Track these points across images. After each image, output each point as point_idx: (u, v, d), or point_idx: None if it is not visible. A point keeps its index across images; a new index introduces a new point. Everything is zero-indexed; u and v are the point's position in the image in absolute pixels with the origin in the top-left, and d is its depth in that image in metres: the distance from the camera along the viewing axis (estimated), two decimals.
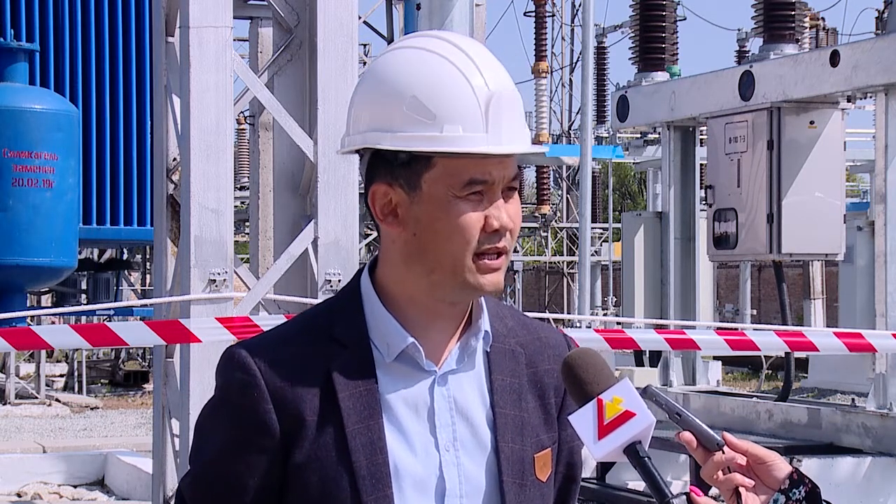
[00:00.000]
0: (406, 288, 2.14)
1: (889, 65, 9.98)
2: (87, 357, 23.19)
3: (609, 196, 27.53)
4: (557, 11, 32.46)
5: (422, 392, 2.13)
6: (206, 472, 2.15)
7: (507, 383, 2.18)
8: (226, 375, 2.14)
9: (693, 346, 8.72)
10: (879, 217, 10.33)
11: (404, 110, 2.07)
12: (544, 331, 2.28)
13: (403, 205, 2.10)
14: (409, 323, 2.14)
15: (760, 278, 31.35)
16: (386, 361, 2.13)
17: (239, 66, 6.29)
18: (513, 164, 2.12)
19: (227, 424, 2.13)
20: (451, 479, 2.12)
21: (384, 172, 2.11)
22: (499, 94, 2.09)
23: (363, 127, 2.12)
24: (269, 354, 2.12)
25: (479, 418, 2.15)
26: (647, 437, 2.03)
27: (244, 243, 29.75)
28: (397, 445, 2.11)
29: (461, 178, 2.07)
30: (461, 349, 2.16)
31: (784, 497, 2.05)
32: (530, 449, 2.17)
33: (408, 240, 2.11)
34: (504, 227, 2.10)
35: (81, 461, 12.30)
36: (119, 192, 15.01)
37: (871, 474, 9.92)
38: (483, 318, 2.18)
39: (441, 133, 2.06)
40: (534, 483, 2.17)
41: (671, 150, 12.46)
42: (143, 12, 15.08)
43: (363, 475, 2.08)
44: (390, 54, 2.15)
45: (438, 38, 2.14)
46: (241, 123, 28.10)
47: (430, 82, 2.08)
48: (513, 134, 2.09)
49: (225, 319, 6.11)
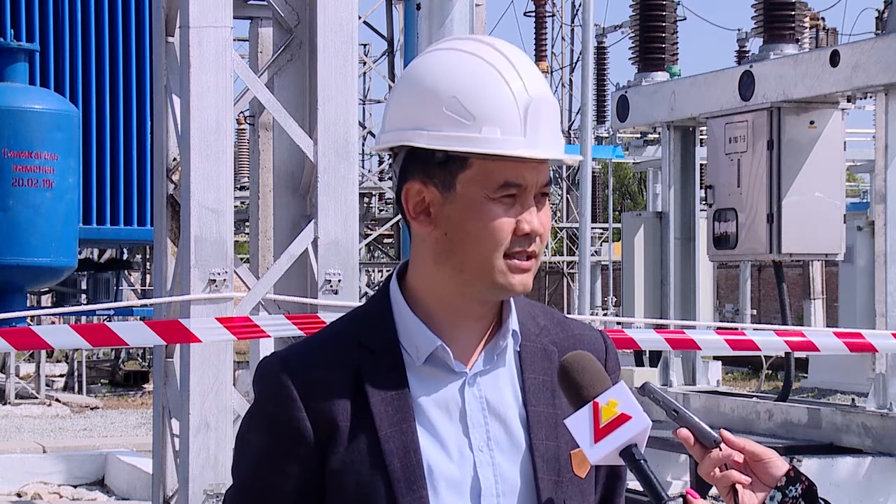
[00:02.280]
0: (435, 288, 2.15)
1: (889, 65, 9.98)
2: (87, 357, 23.19)
3: (609, 196, 27.53)
4: (557, 11, 32.48)
5: (453, 394, 2.15)
6: (247, 483, 2.18)
7: (540, 381, 2.19)
8: (261, 386, 2.18)
9: (693, 345, 8.72)
10: (879, 217, 10.33)
11: (443, 110, 2.09)
12: (579, 328, 2.29)
13: (436, 204, 2.12)
14: (437, 326, 2.15)
15: (760, 278, 31.35)
16: (416, 365, 2.14)
17: (239, 66, 6.29)
18: (546, 170, 2.13)
19: (264, 435, 2.16)
20: (487, 478, 2.13)
21: (419, 171, 2.13)
22: (538, 100, 2.10)
23: (401, 124, 2.13)
24: (301, 363, 2.15)
25: (512, 417, 2.16)
26: (643, 440, 2.03)
27: (244, 243, 29.76)
28: (431, 447, 2.12)
29: (496, 181, 2.09)
30: (490, 350, 2.18)
31: (781, 494, 2.05)
32: (566, 446, 2.16)
33: (438, 238, 2.13)
34: (535, 231, 2.11)
35: (81, 461, 12.30)
36: (119, 192, 15.01)
37: (871, 474, 9.92)
38: (511, 319, 2.19)
39: (479, 134, 2.08)
40: (571, 480, 2.17)
41: (671, 150, 12.46)
42: (143, 12, 15.08)
43: (398, 478, 2.09)
44: (431, 55, 2.16)
45: (480, 41, 2.15)
46: (241, 123, 28.11)
47: (471, 84, 2.09)
48: (549, 140, 2.11)
49: (225, 319, 6.11)
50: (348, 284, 6.23)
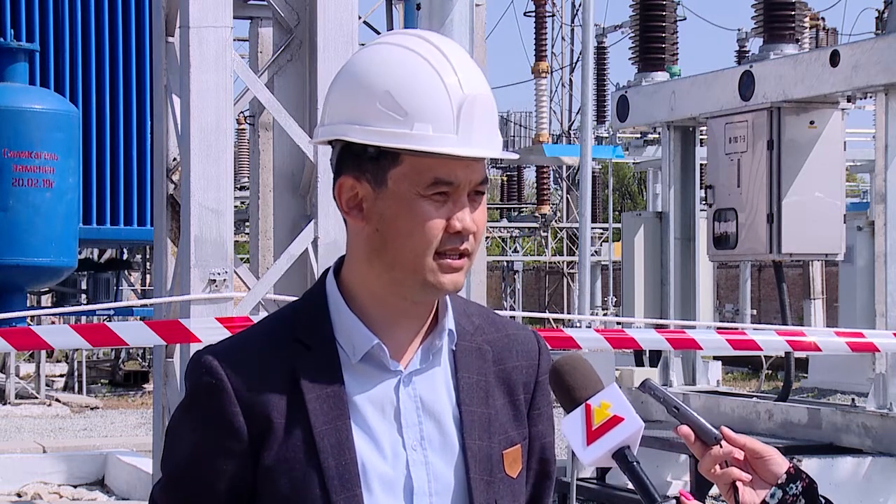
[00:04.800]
0: (369, 285, 2.14)
1: (889, 65, 9.99)
2: (87, 357, 23.18)
3: (609, 196, 27.50)
4: (557, 11, 32.45)
5: (387, 392, 2.14)
6: (177, 477, 2.16)
7: (474, 381, 2.18)
8: (193, 379, 2.15)
9: (694, 345, 8.72)
10: (879, 217, 10.34)
11: (376, 105, 2.08)
12: (513, 328, 2.28)
13: (368, 199, 2.11)
14: (373, 323, 2.14)
15: (760, 278, 31.35)
16: (352, 362, 2.13)
17: (239, 66, 6.29)
18: (481, 169, 2.12)
19: (197, 428, 2.14)
20: (420, 477, 2.13)
21: (352, 165, 2.12)
22: (472, 98, 2.09)
23: (336, 118, 2.13)
24: (236, 357, 2.13)
25: (446, 417, 2.16)
26: (635, 442, 2.03)
27: (244, 243, 29.75)
28: (365, 446, 2.11)
29: (427, 178, 2.07)
30: (426, 348, 2.17)
31: (781, 492, 2.05)
32: (498, 446, 2.17)
33: (370, 234, 2.11)
34: (467, 229, 2.09)
35: (81, 461, 12.29)
36: (119, 192, 15.01)
37: (871, 474, 9.92)
38: (447, 317, 2.18)
39: (411, 131, 2.06)
40: (503, 479, 2.17)
41: (671, 150, 12.46)
42: (143, 12, 15.08)
43: (332, 476, 2.09)
44: (369, 49, 2.15)
45: (418, 36, 2.14)
46: (241, 123, 28.10)
47: (405, 79, 2.08)
48: (483, 138, 2.09)
49: (225, 319, 6.11)
50: None
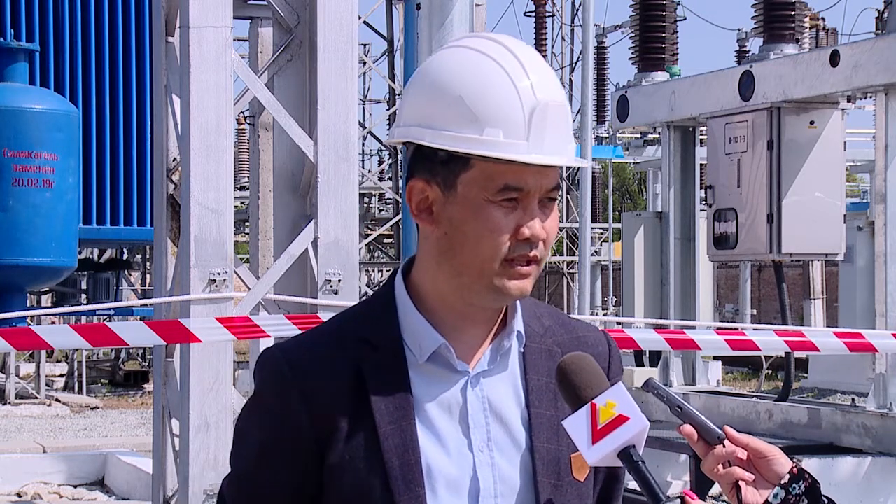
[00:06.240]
0: (437, 287, 2.14)
1: (889, 65, 9.99)
2: (87, 357, 23.18)
3: (609, 196, 27.52)
4: (557, 11, 32.47)
5: (454, 393, 2.13)
6: (244, 473, 2.17)
7: (543, 383, 2.17)
8: (261, 377, 2.16)
9: (693, 346, 8.71)
10: (879, 217, 10.34)
11: (448, 109, 2.07)
12: (583, 329, 2.27)
13: (438, 203, 2.10)
14: (441, 324, 2.13)
15: (760, 278, 31.34)
16: (418, 363, 2.13)
17: (239, 66, 6.29)
18: (553, 175, 2.10)
19: (263, 425, 2.15)
20: (486, 479, 2.11)
21: (424, 169, 2.11)
22: (545, 104, 2.07)
23: (410, 120, 2.12)
24: (303, 356, 2.14)
25: (513, 418, 2.15)
26: (640, 442, 2.02)
27: (244, 243, 29.76)
28: (430, 446, 2.10)
29: (496, 184, 2.06)
30: (494, 350, 2.16)
31: (784, 492, 2.05)
32: (567, 449, 2.14)
33: (439, 238, 2.11)
34: (536, 236, 2.08)
35: (81, 461, 12.29)
36: (119, 192, 15.01)
37: (871, 474, 9.92)
38: (516, 319, 2.17)
39: (481, 136, 2.05)
40: (570, 483, 2.16)
41: (671, 150, 12.46)
42: (143, 12, 15.08)
43: (395, 476, 2.08)
44: (444, 52, 2.15)
45: (493, 40, 2.12)
46: (241, 123, 28.11)
47: (478, 84, 2.06)
48: (555, 145, 2.08)
49: (225, 319, 6.11)
50: (348, 284, 6.23)
